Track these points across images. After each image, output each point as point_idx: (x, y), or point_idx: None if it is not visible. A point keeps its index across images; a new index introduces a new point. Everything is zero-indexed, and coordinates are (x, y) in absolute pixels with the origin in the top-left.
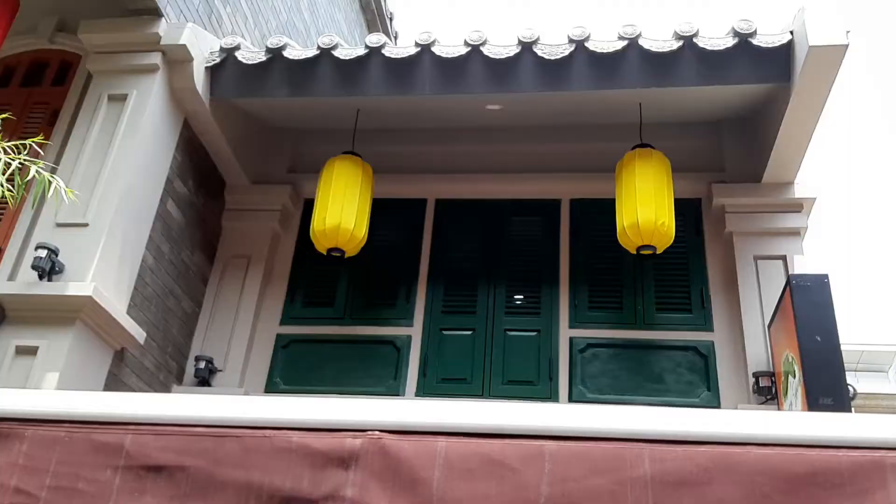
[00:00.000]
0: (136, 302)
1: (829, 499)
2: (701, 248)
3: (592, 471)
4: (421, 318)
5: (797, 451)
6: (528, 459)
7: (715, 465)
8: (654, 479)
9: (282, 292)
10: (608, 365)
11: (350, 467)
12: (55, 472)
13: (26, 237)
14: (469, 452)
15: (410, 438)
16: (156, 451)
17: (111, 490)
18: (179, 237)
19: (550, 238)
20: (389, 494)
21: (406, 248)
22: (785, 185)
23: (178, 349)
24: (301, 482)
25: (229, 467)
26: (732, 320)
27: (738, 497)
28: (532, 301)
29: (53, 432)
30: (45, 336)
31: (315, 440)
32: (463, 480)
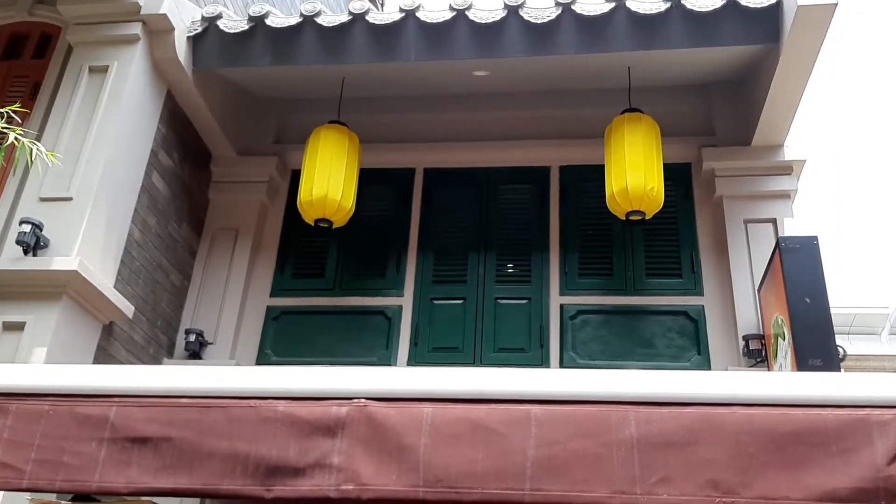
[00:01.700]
0: (123, 276)
1: (814, 457)
2: (691, 213)
3: (578, 434)
4: (411, 287)
5: (782, 411)
6: (515, 424)
7: (700, 425)
8: (640, 441)
9: (271, 264)
10: (599, 331)
11: (336, 435)
12: (40, 445)
13: (10, 212)
14: (455, 418)
15: (396, 405)
16: (141, 422)
17: (96, 462)
18: (166, 210)
19: (540, 205)
20: (376, 461)
21: (395, 218)
22: (774, 148)
23: (167, 323)
24: (287, 451)
25: (215, 437)
26: (722, 284)
27: (724, 457)
28: (522, 269)
29: (37, 406)
30: (31, 311)
31: (301, 409)
32: (449, 446)
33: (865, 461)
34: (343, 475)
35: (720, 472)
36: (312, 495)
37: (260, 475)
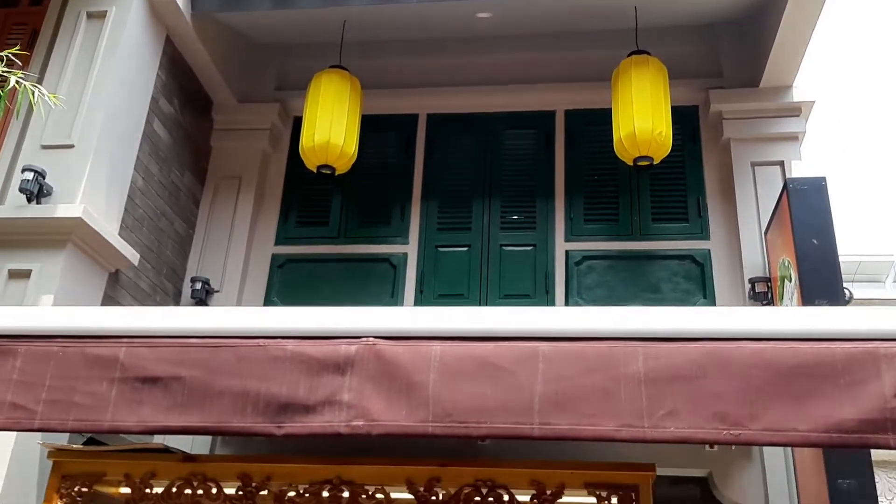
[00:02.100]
0: (127, 224)
1: (822, 389)
2: (698, 157)
3: (586, 369)
4: (416, 235)
5: (790, 345)
6: (522, 360)
7: (708, 360)
8: (648, 376)
9: (275, 212)
10: (604, 277)
11: (346, 373)
12: (50, 386)
13: (12, 160)
14: (463, 355)
15: (405, 343)
16: (151, 362)
17: (108, 402)
18: (168, 158)
19: (545, 151)
20: (385, 397)
21: (399, 165)
22: (783, 89)
23: (173, 271)
24: (297, 389)
25: (225, 376)
26: (729, 228)
27: (731, 390)
28: (527, 215)
29: (47, 347)
30: (37, 259)
31: (310, 347)
32: (458, 382)
33: (873, 393)
34: (353, 411)
35: (727, 404)
36: (323, 431)
37: (270, 412)
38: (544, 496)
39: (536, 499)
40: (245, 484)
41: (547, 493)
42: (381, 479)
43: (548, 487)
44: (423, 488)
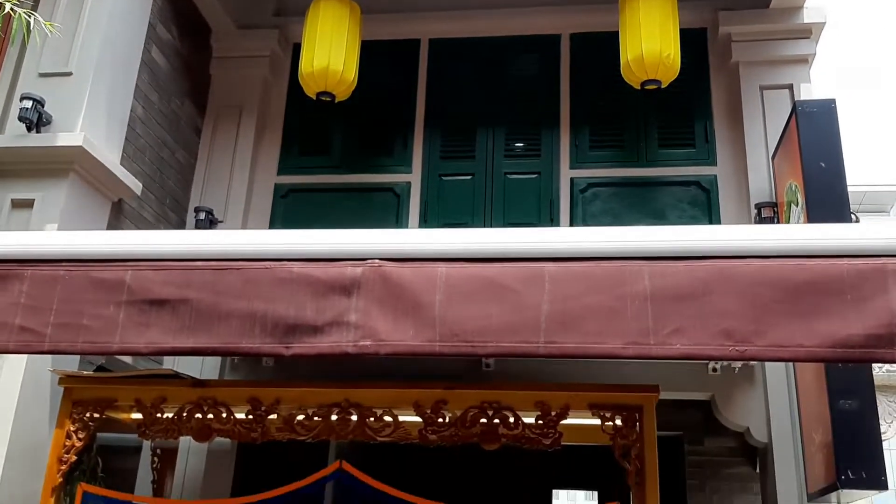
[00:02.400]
0: (128, 153)
1: (829, 305)
2: (706, 81)
3: (593, 288)
4: (419, 164)
5: (798, 262)
6: (529, 280)
7: (715, 278)
8: (654, 294)
9: (277, 141)
10: (610, 204)
11: (352, 294)
12: (58, 309)
13: (10, 89)
14: (469, 276)
15: (411, 265)
16: (157, 285)
17: (116, 324)
18: (167, 86)
19: (550, 76)
20: (392, 318)
21: (401, 93)
22: (793, 10)
23: (176, 201)
24: (304, 310)
25: (232, 298)
26: (736, 153)
27: (738, 307)
28: (532, 143)
29: (53, 271)
30: (39, 189)
31: (316, 270)
32: (464, 302)
33: (880, 308)
34: (360, 332)
35: (734, 321)
36: (331, 351)
37: (278, 333)
38: (549, 417)
39: (541, 419)
40: (254, 408)
41: (551, 414)
42: (388, 402)
43: (552, 409)
44: (430, 410)
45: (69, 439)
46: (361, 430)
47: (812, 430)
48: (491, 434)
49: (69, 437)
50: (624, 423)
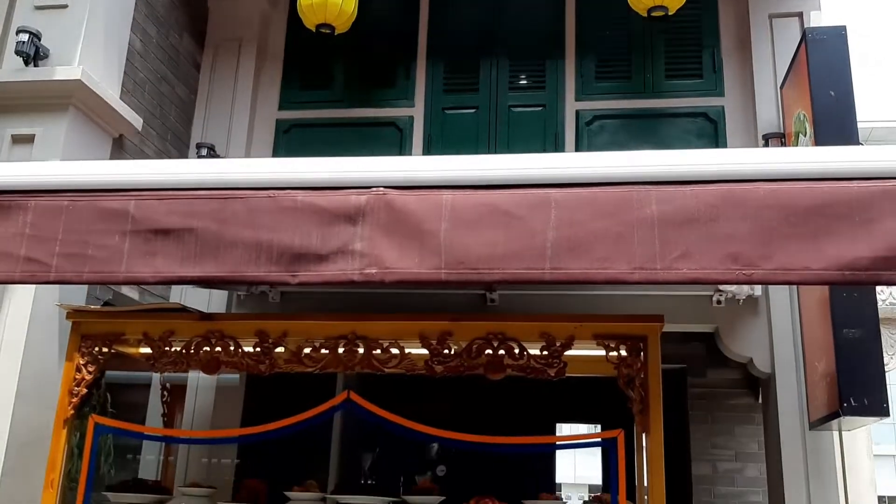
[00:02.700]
0: (127, 88)
1: (837, 228)
2: (714, 8)
3: (599, 214)
4: (422, 97)
5: (805, 185)
6: (535, 207)
7: (722, 202)
8: (661, 219)
9: (277, 76)
10: (616, 136)
11: (357, 223)
12: (63, 240)
13: (5, 23)
14: (475, 203)
15: (415, 193)
16: (161, 214)
17: (121, 254)
18: (165, 19)
19: (555, 6)
20: (398, 246)
21: (402, 24)
22: None
23: (177, 137)
24: (310, 238)
25: (236, 227)
26: (744, 83)
27: (745, 231)
28: (536, 75)
29: (57, 202)
30: (40, 123)
31: (320, 198)
32: (470, 230)
33: (888, 231)
34: (366, 260)
35: (741, 245)
36: (337, 280)
37: (284, 262)
38: (553, 347)
39: (546, 350)
40: (262, 340)
41: (556, 345)
42: (394, 334)
43: (557, 339)
44: (436, 342)
45: (79, 373)
46: (368, 362)
47: (815, 360)
48: (496, 365)
49: (79, 370)
50: (628, 353)
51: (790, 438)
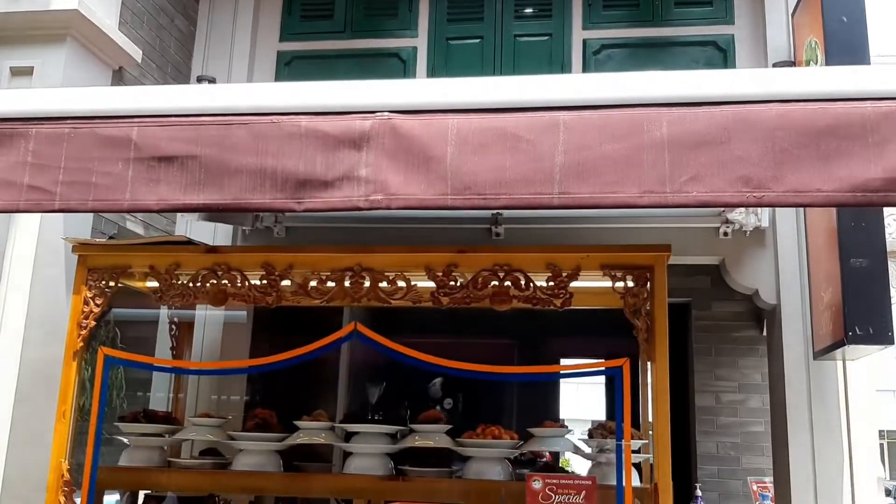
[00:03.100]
0: (126, 19)
1: (849, 149)
2: None
3: (609, 137)
4: (425, 27)
5: (819, 106)
6: (543, 130)
7: (734, 123)
8: (672, 141)
9: (278, 6)
10: (623, 66)
11: (362, 148)
12: (66, 167)
13: None
14: (482, 127)
15: (421, 118)
16: (164, 141)
17: (125, 181)
18: None
19: None
20: (403, 172)
21: None
22: None
23: (177, 70)
24: (314, 165)
25: (240, 154)
26: (755, 11)
27: (757, 153)
28: (543, 3)
29: (58, 129)
30: (38, 55)
31: (324, 123)
32: (477, 154)
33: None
34: (372, 186)
35: (752, 168)
36: (342, 206)
37: (289, 189)
38: (560, 278)
39: (552, 281)
40: (268, 273)
41: (563, 276)
42: (400, 266)
43: (563, 270)
44: (442, 274)
45: (87, 305)
46: (374, 294)
47: (821, 291)
48: (502, 296)
49: (87, 303)
50: (635, 283)
51: (794, 369)
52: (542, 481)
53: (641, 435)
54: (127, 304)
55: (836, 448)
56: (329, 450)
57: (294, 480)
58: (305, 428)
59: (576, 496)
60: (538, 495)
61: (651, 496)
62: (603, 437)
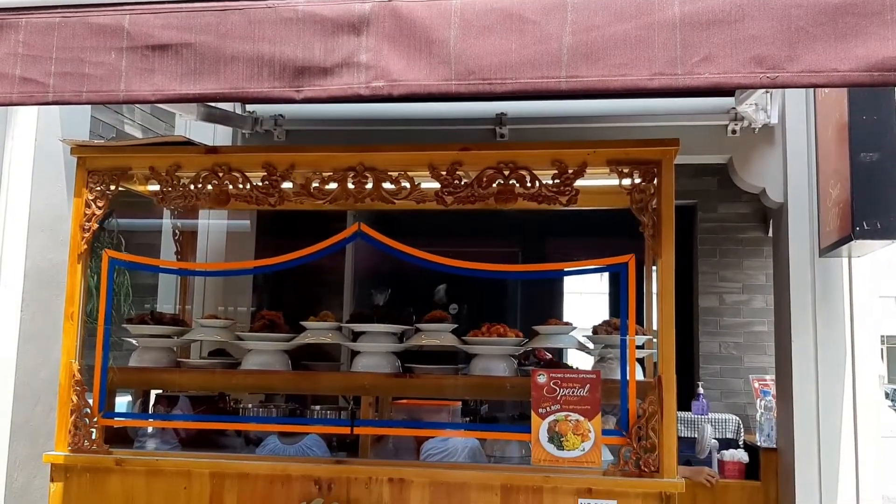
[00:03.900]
0: None
1: (868, 27)
2: None
3: (618, 17)
4: None
5: None
6: (549, 11)
7: (749, 1)
8: (684, 21)
9: None
10: None
11: (362, 33)
12: (58, 58)
13: None
14: (486, 9)
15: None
16: (157, 29)
17: (119, 72)
18: None
19: None
20: (405, 57)
21: None
22: None
23: None
24: (313, 51)
25: (236, 41)
26: None
27: (771, 32)
28: None
29: (48, 19)
30: None
31: (321, 7)
32: (481, 37)
33: None
34: (373, 72)
35: (766, 47)
36: (343, 94)
37: (287, 77)
38: (566, 175)
39: (558, 178)
40: (269, 174)
41: (569, 172)
42: (404, 165)
43: (569, 166)
44: (446, 172)
45: (88, 208)
46: (378, 194)
47: (829, 187)
48: (507, 194)
49: (88, 205)
50: (642, 179)
51: (799, 267)
52: (546, 376)
53: (646, 331)
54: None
55: (838, 345)
56: (337, 351)
57: (303, 378)
58: (312, 328)
59: (580, 389)
60: (543, 389)
61: (655, 389)
62: (607, 332)
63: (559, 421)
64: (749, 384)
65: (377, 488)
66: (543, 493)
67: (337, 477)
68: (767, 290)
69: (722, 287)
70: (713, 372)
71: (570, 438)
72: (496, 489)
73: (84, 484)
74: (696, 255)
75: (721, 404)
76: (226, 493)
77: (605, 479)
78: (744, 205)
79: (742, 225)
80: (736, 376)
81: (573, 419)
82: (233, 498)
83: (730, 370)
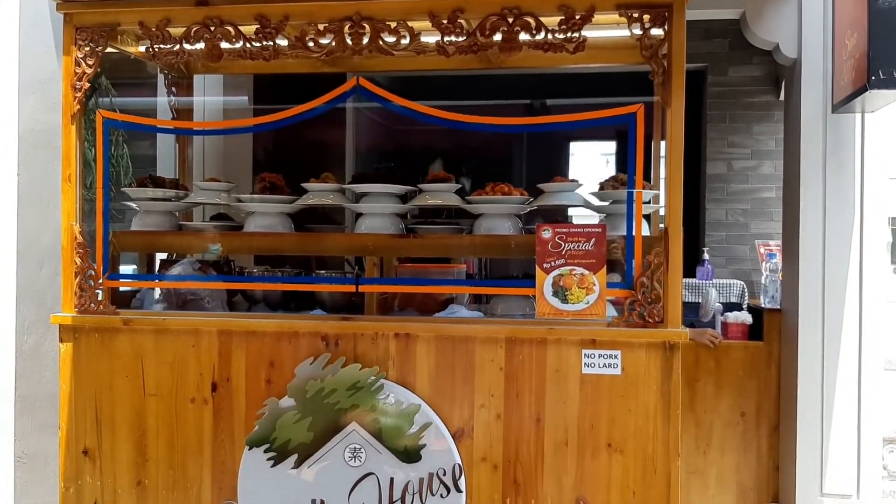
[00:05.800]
0: None
1: None
2: None
3: None
4: None
5: None
6: None
7: None
8: None
9: None
10: None
11: None
12: None
13: None
14: None
15: None
16: None
17: None
18: None
19: None
20: None
21: None
22: None
23: None
24: None
25: None
26: None
27: None
28: None
29: None
30: None
31: None
32: None
33: None
34: None
35: None
36: None
37: None
38: (573, 21)
39: (564, 24)
40: (263, 26)
41: (576, 18)
42: (402, 14)
43: (577, 11)
44: (447, 21)
45: (78, 67)
46: (376, 45)
47: (845, 38)
48: (511, 42)
49: (78, 64)
50: (653, 22)
51: (811, 125)
52: (551, 230)
53: (653, 186)
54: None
55: (847, 206)
56: (340, 215)
57: (307, 240)
58: (314, 189)
59: (585, 243)
60: (548, 244)
61: (661, 241)
62: (614, 188)
63: (564, 275)
64: (755, 251)
65: (383, 343)
66: (548, 345)
67: (343, 333)
68: (776, 154)
69: (730, 153)
70: (719, 239)
71: (574, 292)
72: (501, 342)
73: (93, 343)
74: (705, 121)
75: (726, 271)
76: (234, 349)
77: (609, 330)
78: (755, 67)
79: (752, 88)
80: (742, 243)
81: (578, 273)
82: (241, 355)
83: (735, 237)
